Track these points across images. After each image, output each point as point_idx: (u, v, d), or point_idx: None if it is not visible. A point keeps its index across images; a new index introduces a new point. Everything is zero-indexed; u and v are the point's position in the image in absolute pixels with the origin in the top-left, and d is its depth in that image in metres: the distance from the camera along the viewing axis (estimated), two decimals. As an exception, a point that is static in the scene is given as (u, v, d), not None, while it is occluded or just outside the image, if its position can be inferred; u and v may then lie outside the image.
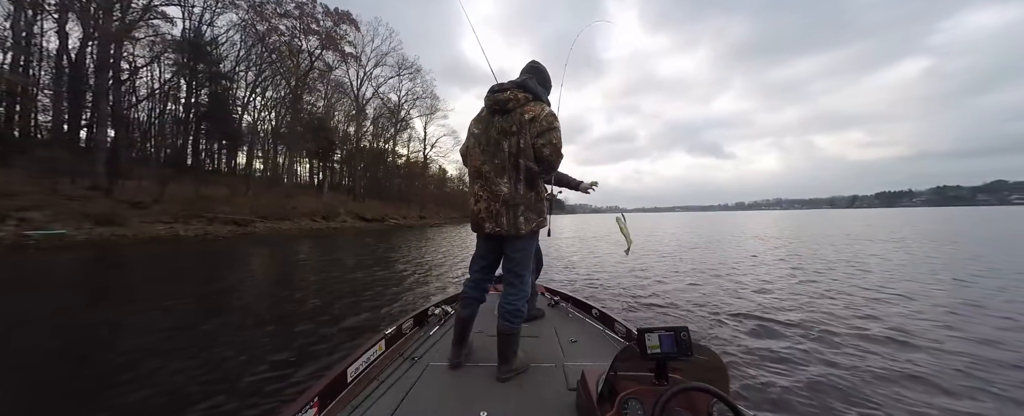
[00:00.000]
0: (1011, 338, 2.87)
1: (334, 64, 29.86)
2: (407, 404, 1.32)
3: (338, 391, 1.40)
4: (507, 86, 1.45)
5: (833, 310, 3.75)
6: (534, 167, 1.41)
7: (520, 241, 1.49)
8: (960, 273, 5.64)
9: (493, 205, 1.44)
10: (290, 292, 4.74)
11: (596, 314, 2.28)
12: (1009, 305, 3.81)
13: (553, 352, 1.79)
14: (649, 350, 1.03)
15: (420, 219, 35.29)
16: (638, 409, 0.95)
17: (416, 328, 2.17)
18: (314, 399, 1.24)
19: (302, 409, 1.17)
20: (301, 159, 32.72)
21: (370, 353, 1.66)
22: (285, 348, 2.71)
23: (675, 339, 1.04)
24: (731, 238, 13.84)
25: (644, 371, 1.08)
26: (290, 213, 20.82)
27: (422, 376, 1.53)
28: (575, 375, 1.46)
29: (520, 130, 1.38)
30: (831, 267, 6.49)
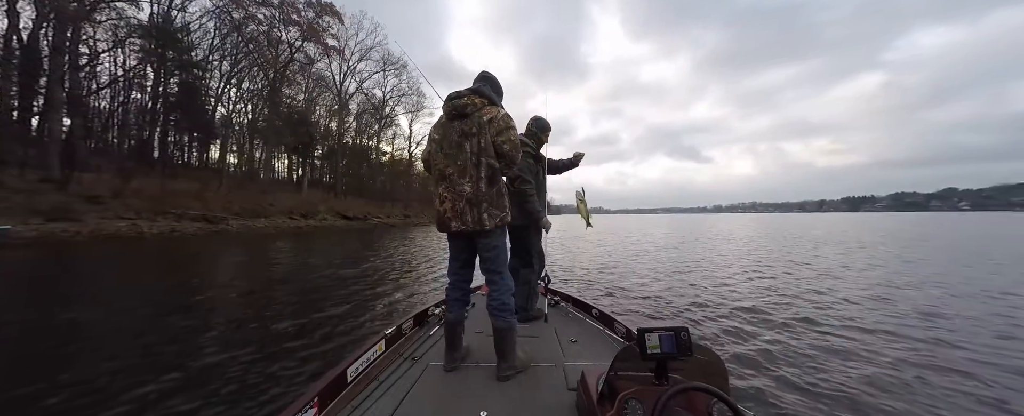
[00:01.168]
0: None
1: (316, 57, 28.90)
2: (407, 404, 1.32)
3: (338, 391, 1.40)
4: (464, 93, 1.56)
5: (802, 305, 3.97)
6: (495, 164, 1.52)
7: (489, 238, 1.56)
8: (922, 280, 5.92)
9: (458, 204, 1.50)
10: (238, 299, 4.33)
11: (596, 314, 2.29)
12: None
13: (553, 352, 1.79)
14: (649, 350, 1.03)
15: (404, 218, 34.64)
16: (638, 409, 0.95)
17: (416, 328, 2.17)
18: (314, 399, 1.24)
19: (302, 409, 1.17)
20: (279, 154, 31.52)
21: (370, 353, 1.66)
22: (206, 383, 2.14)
23: (675, 339, 1.04)
24: (724, 243, 14.16)
25: (644, 371, 1.08)
26: (266, 210, 19.98)
27: (422, 376, 1.53)
28: (575, 375, 1.46)
29: (480, 131, 1.50)
30: (795, 267, 6.75)
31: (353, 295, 4.48)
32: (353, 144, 36.25)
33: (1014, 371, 2.39)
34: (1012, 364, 2.49)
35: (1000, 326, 3.35)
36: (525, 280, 2.25)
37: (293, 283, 5.33)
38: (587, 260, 8.20)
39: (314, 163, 34.50)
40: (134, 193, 14.61)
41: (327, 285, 5.15)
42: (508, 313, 1.52)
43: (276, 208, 21.02)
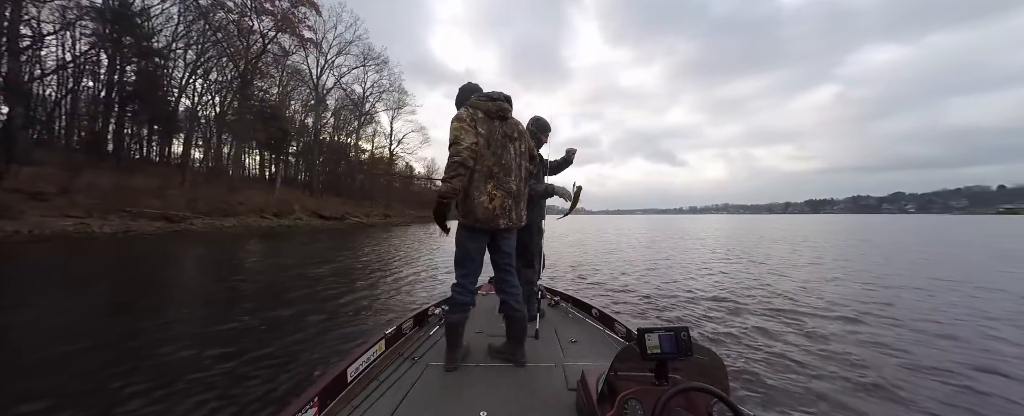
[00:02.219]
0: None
1: (291, 49, 27.63)
2: (407, 404, 1.32)
3: (338, 391, 1.39)
4: (505, 96, 1.67)
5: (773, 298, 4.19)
6: (532, 168, 1.74)
7: (513, 234, 1.72)
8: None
9: (506, 201, 1.59)
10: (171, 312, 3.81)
11: (596, 314, 2.29)
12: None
13: (553, 352, 1.79)
14: (649, 350, 1.03)
15: (384, 217, 33.75)
16: (638, 409, 0.95)
17: (416, 328, 2.17)
18: (314, 399, 1.23)
19: (302, 409, 1.16)
20: (250, 150, 29.94)
21: (370, 353, 1.66)
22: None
23: (675, 339, 1.03)
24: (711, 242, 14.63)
25: (644, 371, 1.08)
26: (235, 209, 18.91)
27: (422, 376, 1.53)
28: (575, 375, 1.46)
29: (520, 136, 1.67)
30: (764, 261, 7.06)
31: (318, 304, 4.02)
32: (331, 141, 34.99)
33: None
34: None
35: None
36: (527, 280, 2.24)
37: (254, 285, 5.02)
38: (581, 259, 8.22)
39: (288, 160, 33.03)
40: (84, 189, 13.42)
41: (292, 287, 4.88)
42: (522, 304, 1.67)
43: (246, 207, 19.93)
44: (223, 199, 18.84)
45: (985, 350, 2.82)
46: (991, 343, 2.97)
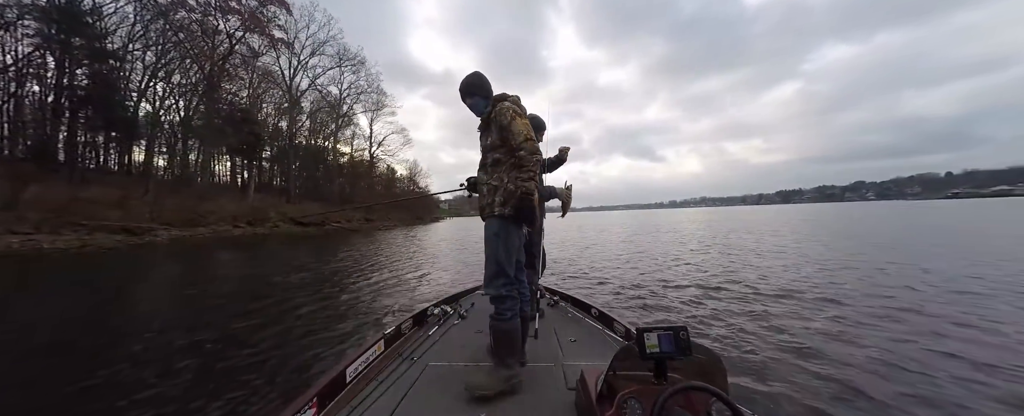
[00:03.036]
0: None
1: (261, 50, 26.53)
2: (406, 404, 1.33)
3: (337, 391, 1.39)
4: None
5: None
6: None
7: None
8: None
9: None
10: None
11: (595, 314, 2.32)
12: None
13: (553, 352, 1.80)
14: (648, 350, 1.03)
15: (366, 222, 32.91)
16: (637, 408, 0.96)
17: (415, 328, 2.16)
18: (313, 399, 1.23)
19: (301, 409, 1.16)
20: (220, 156, 28.54)
21: (369, 353, 1.65)
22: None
23: (674, 339, 1.03)
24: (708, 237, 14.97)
25: (643, 371, 1.08)
26: (205, 218, 17.94)
27: (421, 376, 1.53)
28: (575, 375, 1.46)
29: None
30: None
31: (286, 320, 3.69)
32: (307, 144, 33.80)
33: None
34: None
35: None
36: (529, 281, 2.24)
37: (218, 299, 4.71)
38: (561, 255, 8.25)
39: (262, 165, 31.68)
40: (32, 202, 12.38)
41: (260, 298, 4.64)
42: (528, 305, 1.71)
43: (217, 215, 18.95)
44: (191, 208, 17.84)
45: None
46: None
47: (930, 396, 1.95)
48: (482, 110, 1.63)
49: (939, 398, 1.93)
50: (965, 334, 2.83)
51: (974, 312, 3.35)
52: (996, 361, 2.30)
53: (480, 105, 1.63)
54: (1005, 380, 2.10)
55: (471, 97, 1.63)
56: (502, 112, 1.53)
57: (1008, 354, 2.43)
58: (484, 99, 1.63)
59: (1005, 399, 1.90)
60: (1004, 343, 2.64)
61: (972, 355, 2.42)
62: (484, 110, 1.63)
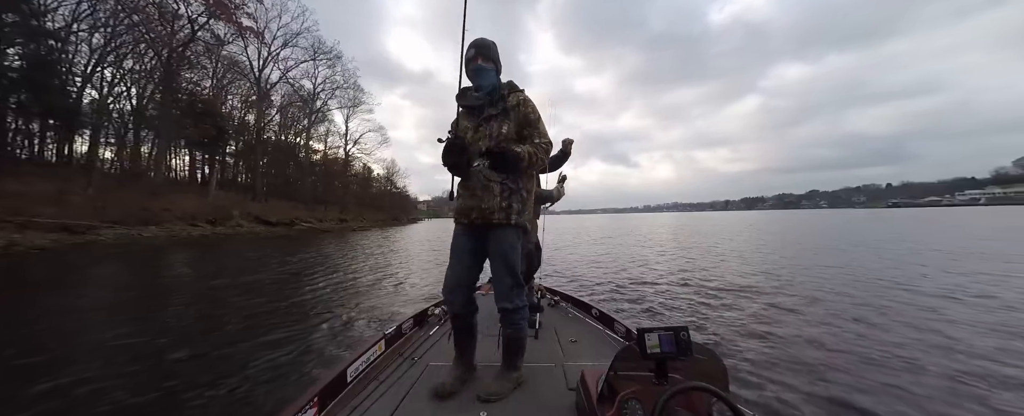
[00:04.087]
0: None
1: (227, 38, 24.96)
2: (407, 404, 1.33)
3: (338, 391, 1.39)
4: None
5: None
6: None
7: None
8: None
9: None
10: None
11: (596, 314, 2.32)
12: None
13: (553, 352, 1.80)
14: (649, 350, 1.04)
15: (340, 222, 31.67)
16: (638, 409, 0.95)
17: (416, 328, 2.16)
18: (314, 399, 1.23)
19: (302, 409, 1.16)
20: (178, 149, 26.53)
21: (370, 353, 1.65)
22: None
23: (675, 339, 1.03)
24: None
25: (644, 371, 1.08)
26: (158, 216, 16.57)
27: (422, 376, 1.53)
28: (575, 375, 1.47)
29: None
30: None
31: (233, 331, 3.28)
32: (277, 140, 32.12)
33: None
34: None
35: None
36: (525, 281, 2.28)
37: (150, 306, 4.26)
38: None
39: (226, 161, 29.75)
40: (-54, 196, 10.92)
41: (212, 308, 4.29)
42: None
43: (173, 213, 17.56)
44: (143, 205, 16.41)
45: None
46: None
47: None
48: (492, 82, 1.42)
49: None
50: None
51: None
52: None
53: (491, 76, 1.43)
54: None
55: (488, 62, 1.41)
56: (530, 104, 1.40)
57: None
58: (497, 73, 1.45)
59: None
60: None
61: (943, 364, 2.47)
62: (494, 85, 1.43)
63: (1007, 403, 1.93)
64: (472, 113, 1.45)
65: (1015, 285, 4.66)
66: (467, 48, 1.45)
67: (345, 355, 1.68)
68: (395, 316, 3.45)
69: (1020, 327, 3.12)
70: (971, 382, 2.16)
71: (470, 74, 1.45)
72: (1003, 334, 2.97)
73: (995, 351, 2.63)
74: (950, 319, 3.39)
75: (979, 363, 2.43)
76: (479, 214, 1.38)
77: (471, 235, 1.43)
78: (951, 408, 1.90)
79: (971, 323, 3.26)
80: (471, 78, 1.46)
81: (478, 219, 1.38)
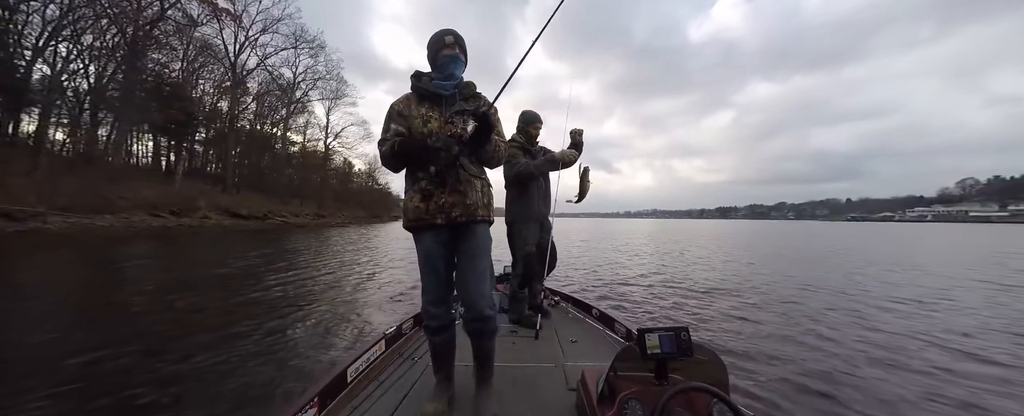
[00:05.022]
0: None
1: (201, 19, 23.67)
2: (407, 404, 1.33)
3: (338, 391, 1.39)
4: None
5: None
6: None
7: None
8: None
9: None
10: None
11: (596, 314, 2.33)
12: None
13: (553, 352, 1.80)
14: (649, 350, 1.04)
15: (317, 218, 30.57)
16: (638, 409, 0.96)
17: (416, 328, 2.15)
18: (314, 399, 1.23)
19: (302, 409, 1.16)
20: (141, 134, 24.81)
21: (370, 353, 1.64)
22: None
23: (675, 339, 1.04)
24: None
25: (644, 371, 1.09)
26: (115, 204, 15.42)
27: (422, 376, 1.52)
28: (575, 375, 1.47)
29: None
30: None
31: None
32: (252, 130, 30.66)
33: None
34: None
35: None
36: (537, 280, 2.35)
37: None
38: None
39: (194, 148, 28.10)
40: None
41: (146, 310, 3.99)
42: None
43: (131, 202, 16.39)
44: (98, 192, 15.22)
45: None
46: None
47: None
48: (460, 75, 1.36)
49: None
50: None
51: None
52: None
53: (461, 69, 1.36)
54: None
55: (463, 55, 1.35)
56: (494, 107, 1.36)
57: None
58: (464, 67, 1.38)
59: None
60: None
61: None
62: (460, 80, 1.36)
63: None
64: (435, 102, 1.32)
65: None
66: (444, 33, 1.33)
67: (346, 355, 1.66)
68: (367, 329, 3.25)
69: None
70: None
71: (441, 60, 1.32)
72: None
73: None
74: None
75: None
76: (463, 211, 1.26)
77: (445, 238, 1.29)
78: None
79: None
80: (440, 66, 1.33)
81: (461, 216, 1.26)
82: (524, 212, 2.32)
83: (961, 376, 2.40)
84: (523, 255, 2.28)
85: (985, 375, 2.42)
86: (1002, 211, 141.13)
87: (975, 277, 6.52)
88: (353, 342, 2.91)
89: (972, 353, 2.82)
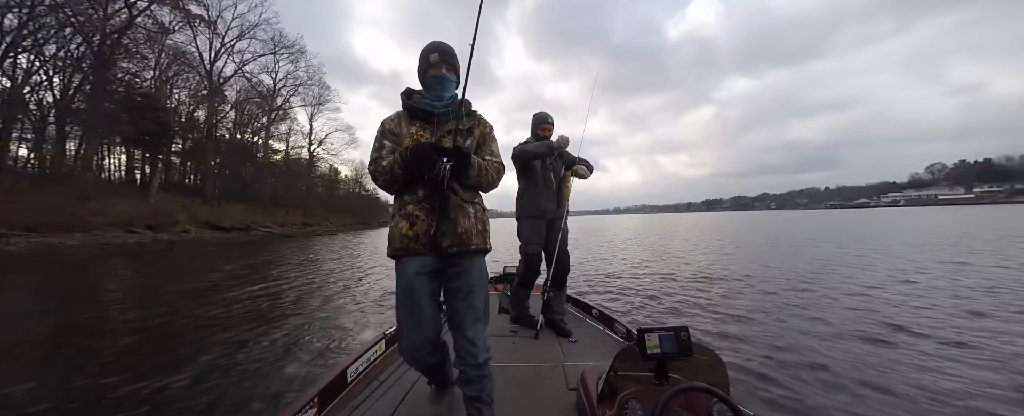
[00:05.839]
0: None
1: (173, 26, 22.87)
2: (407, 404, 1.33)
3: (338, 391, 1.39)
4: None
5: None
6: None
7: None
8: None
9: None
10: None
11: (596, 314, 2.32)
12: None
13: (553, 352, 1.80)
14: (649, 350, 1.04)
15: (304, 227, 29.85)
16: (638, 409, 0.96)
17: None
18: (314, 399, 1.23)
19: (302, 409, 1.16)
20: (113, 147, 23.78)
21: (370, 353, 1.64)
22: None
23: (675, 339, 1.04)
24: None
25: (644, 371, 1.08)
26: (86, 221, 14.70)
27: (422, 376, 1.47)
28: (575, 375, 1.47)
29: None
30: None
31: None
32: (231, 139, 29.76)
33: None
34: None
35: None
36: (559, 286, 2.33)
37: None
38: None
39: (171, 160, 27.10)
40: None
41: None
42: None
43: (104, 219, 15.66)
44: (66, 210, 14.49)
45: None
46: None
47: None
48: (451, 93, 1.24)
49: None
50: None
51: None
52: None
53: (451, 88, 1.25)
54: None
55: (452, 72, 1.23)
56: (488, 124, 1.29)
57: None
58: (457, 86, 1.26)
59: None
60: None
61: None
62: (451, 98, 1.24)
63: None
64: (427, 121, 1.22)
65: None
66: (429, 51, 1.22)
67: (346, 355, 1.66)
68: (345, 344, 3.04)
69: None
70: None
71: (429, 81, 1.23)
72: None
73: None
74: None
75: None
76: (455, 240, 1.12)
77: (432, 270, 1.13)
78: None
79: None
80: (428, 87, 1.23)
81: (452, 247, 1.12)
82: (527, 207, 2.30)
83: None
84: (524, 254, 2.26)
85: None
86: (968, 194, 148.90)
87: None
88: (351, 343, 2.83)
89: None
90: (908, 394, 2.01)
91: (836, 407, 1.91)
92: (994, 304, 3.71)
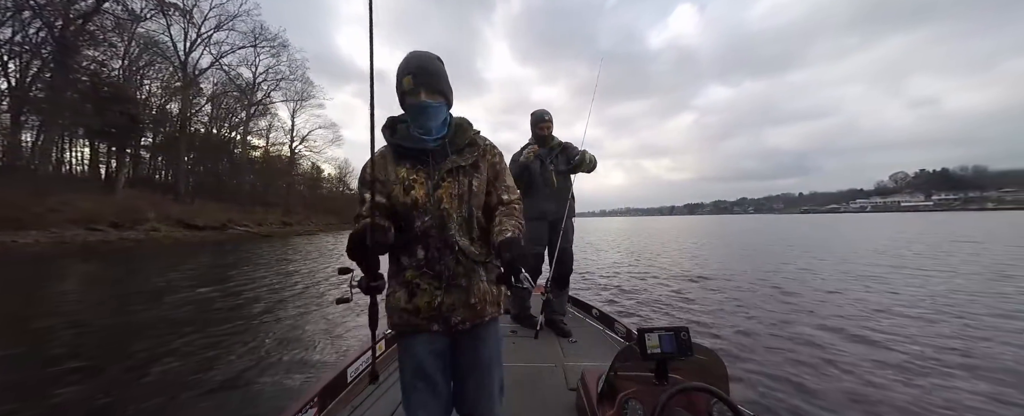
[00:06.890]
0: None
1: (144, 13, 21.70)
2: None
3: (338, 391, 1.38)
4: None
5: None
6: None
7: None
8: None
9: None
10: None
11: (596, 314, 2.33)
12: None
13: (553, 352, 1.80)
14: (649, 350, 1.03)
15: (283, 226, 28.82)
16: (638, 409, 0.96)
17: None
18: (314, 399, 1.24)
19: (302, 408, 1.17)
20: (76, 140, 22.32)
21: (370, 353, 1.58)
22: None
23: (675, 339, 1.04)
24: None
25: (644, 371, 1.08)
26: (42, 218, 13.71)
27: None
28: (575, 375, 1.47)
29: None
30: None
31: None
32: (207, 133, 28.50)
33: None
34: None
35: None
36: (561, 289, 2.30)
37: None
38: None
39: (140, 155, 25.68)
40: None
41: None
42: None
43: (62, 215, 14.65)
44: (19, 205, 13.47)
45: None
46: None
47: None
48: (443, 119, 0.97)
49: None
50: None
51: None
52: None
53: (442, 113, 0.96)
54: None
55: (436, 95, 0.92)
56: (497, 151, 1.04)
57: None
58: (449, 105, 0.98)
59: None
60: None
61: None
62: (445, 123, 0.98)
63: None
64: (418, 159, 0.96)
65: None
66: (401, 73, 0.92)
67: (346, 355, 1.63)
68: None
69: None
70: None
71: (409, 112, 0.96)
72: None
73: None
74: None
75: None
76: (467, 313, 0.92)
77: (442, 347, 0.95)
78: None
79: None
80: (411, 117, 0.96)
81: (464, 322, 0.93)
82: (528, 210, 2.27)
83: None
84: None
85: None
86: (927, 201, 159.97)
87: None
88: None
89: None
90: (909, 393, 2.08)
91: (836, 407, 1.92)
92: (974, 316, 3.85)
